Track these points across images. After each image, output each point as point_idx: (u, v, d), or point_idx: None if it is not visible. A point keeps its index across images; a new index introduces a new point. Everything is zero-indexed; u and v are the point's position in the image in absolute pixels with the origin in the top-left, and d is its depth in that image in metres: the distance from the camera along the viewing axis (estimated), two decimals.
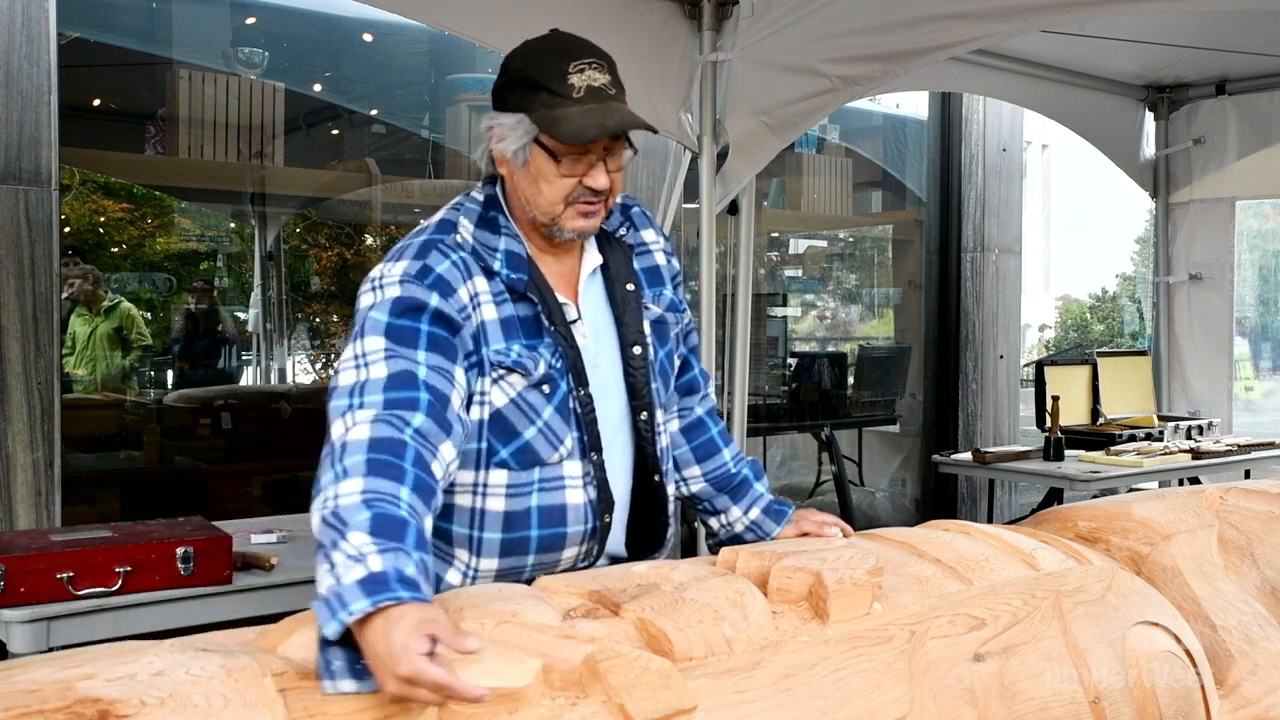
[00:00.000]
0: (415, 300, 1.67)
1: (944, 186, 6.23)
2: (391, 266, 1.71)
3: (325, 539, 1.39)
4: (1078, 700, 1.69)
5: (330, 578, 1.34)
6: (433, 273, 1.70)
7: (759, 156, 3.64)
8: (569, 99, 1.70)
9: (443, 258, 1.72)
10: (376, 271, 1.72)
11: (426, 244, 1.74)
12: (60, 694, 1.15)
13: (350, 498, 1.42)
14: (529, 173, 1.75)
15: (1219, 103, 5.33)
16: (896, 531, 2.01)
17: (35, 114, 3.47)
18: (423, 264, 1.70)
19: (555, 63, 1.72)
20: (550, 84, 1.70)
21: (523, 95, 1.72)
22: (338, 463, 1.48)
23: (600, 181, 1.74)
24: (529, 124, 1.72)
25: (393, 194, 6.24)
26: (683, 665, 1.44)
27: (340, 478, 1.46)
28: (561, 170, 1.73)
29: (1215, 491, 2.39)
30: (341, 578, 1.33)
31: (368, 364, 1.61)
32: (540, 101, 1.70)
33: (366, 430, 1.52)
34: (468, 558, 1.81)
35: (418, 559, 1.38)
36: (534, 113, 1.71)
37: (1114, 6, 3.23)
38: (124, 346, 5.68)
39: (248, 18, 5.37)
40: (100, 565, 2.39)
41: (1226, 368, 5.52)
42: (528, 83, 1.72)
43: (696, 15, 3.51)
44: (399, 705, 1.28)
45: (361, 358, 1.62)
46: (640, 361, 1.86)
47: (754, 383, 5.42)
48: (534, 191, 1.76)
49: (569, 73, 1.71)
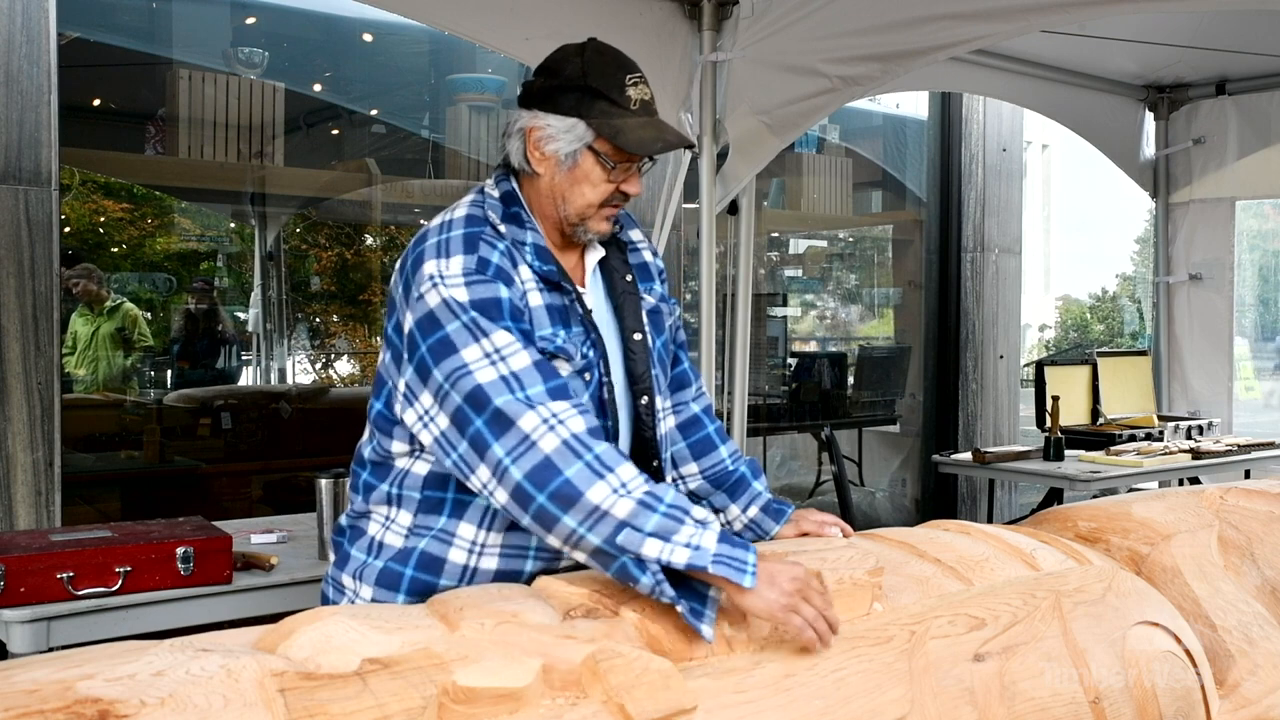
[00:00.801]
0: (490, 296, 1.70)
1: (944, 186, 6.23)
2: (445, 264, 1.72)
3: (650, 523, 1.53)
4: (1078, 700, 1.69)
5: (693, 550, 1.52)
6: (491, 265, 1.74)
7: (759, 156, 3.64)
8: (627, 110, 1.78)
9: (491, 248, 1.76)
10: (433, 268, 1.72)
11: (471, 237, 1.76)
12: (60, 694, 1.15)
13: (638, 483, 1.58)
14: (573, 175, 1.81)
15: (1219, 103, 5.33)
16: (896, 531, 2.01)
17: (35, 114, 3.47)
18: (477, 257, 1.73)
19: (614, 73, 1.79)
20: (610, 94, 1.77)
21: (579, 101, 1.78)
22: (587, 451, 1.58)
23: (637, 189, 1.85)
24: (584, 129, 1.78)
25: (393, 194, 6.24)
26: (683, 665, 1.44)
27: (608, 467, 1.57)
28: (610, 177, 1.81)
29: (1215, 491, 2.39)
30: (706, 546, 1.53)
31: (504, 358, 1.66)
32: (600, 110, 1.77)
33: (580, 422, 1.62)
34: (475, 532, 1.79)
35: None
36: (592, 119, 1.78)
37: (1114, 6, 3.23)
38: (126, 347, 5.68)
39: (248, 18, 5.37)
40: (100, 565, 2.39)
41: (1226, 368, 5.52)
42: (587, 90, 1.78)
43: (696, 15, 3.52)
44: (400, 705, 1.28)
45: (496, 353, 1.66)
46: (640, 349, 1.90)
47: (754, 383, 5.42)
48: (575, 193, 1.82)
49: (626, 85, 1.79)
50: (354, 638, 1.37)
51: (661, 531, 1.53)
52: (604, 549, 1.55)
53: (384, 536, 1.84)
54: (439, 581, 1.78)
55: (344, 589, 1.87)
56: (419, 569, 1.79)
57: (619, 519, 1.54)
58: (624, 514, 1.54)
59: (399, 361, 1.76)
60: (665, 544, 1.52)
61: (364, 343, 7.43)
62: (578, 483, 1.55)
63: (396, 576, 1.80)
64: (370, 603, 1.80)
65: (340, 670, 1.31)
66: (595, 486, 1.55)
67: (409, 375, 1.73)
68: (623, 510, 1.54)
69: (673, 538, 1.53)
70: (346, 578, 1.87)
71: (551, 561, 1.80)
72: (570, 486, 1.55)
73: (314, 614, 1.41)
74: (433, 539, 1.79)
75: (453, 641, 1.40)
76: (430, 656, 1.35)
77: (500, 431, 1.60)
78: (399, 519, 1.83)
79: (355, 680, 1.30)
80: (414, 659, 1.34)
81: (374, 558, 1.84)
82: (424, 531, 1.81)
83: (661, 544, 1.52)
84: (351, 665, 1.32)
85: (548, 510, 1.57)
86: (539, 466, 1.57)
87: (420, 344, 1.70)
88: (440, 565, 1.79)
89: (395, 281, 1.82)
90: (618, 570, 1.56)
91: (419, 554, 1.80)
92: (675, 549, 1.52)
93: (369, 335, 7.37)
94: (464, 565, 1.78)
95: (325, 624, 1.38)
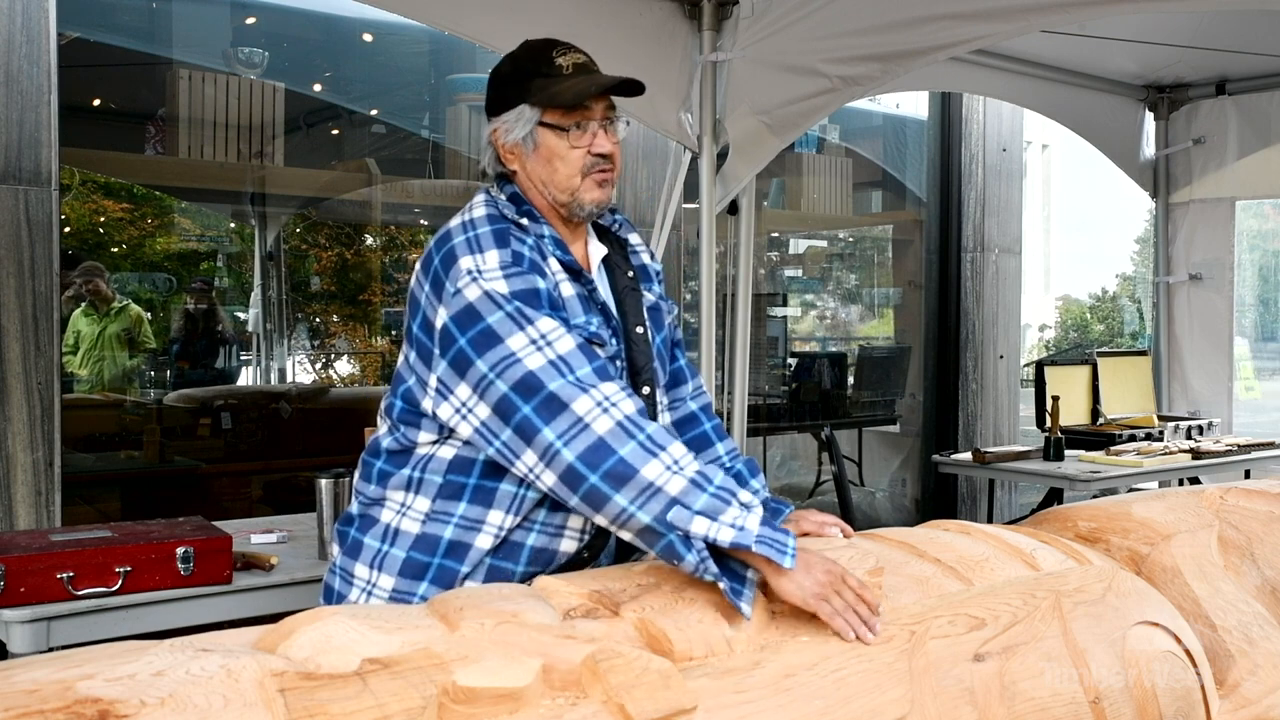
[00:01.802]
0: (528, 287, 1.74)
1: (944, 186, 6.23)
2: (481, 258, 1.76)
3: (699, 501, 1.58)
4: (1078, 700, 1.69)
5: (738, 531, 1.56)
6: (525, 258, 1.78)
7: (759, 156, 3.64)
8: (561, 76, 1.84)
9: (521, 243, 1.80)
10: (469, 264, 1.75)
11: (500, 233, 1.80)
12: (60, 694, 1.15)
13: (689, 461, 1.62)
14: (541, 155, 1.85)
15: (1219, 103, 5.33)
16: (896, 531, 2.01)
17: (35, 114, 3.47)
18: (511, 250, 1.77)
19: (541, 52, 1.86)
20: (540, 69, 1.84)
21: (518, 88, 1.85)
22: (640, 431, 1.62)
23: (605, 146, 1.86)
24: (529, 109, 1.84)
25: (393, 194, 6.24)
26: (683, 665, 1.44)
27: (660, 446, 1.62)
28: (570, 142, 1.84)
29: (1215, 491, 2.39)
30: (749, 527, 1.57)
31: (550, 343, 1.69)
32: (535, 86, 1.83)
33: (631, 403, 1.66)
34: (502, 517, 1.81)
35: None
36: (531, 96, 1.83)
37: (1114, 6, 3.23)
38: (130, 348, 5.68)
39: (248, 18, 5.37)
40: (100, 565, 2.39)
41: (1226, 368, 5.52)
42: (519, 74, 1.86)
43: (696, 15, 3.52)
44: (400, 705, 1.28)
45: (543, 338, 1.69)
46: (642, 342, 1.93)
47: (754, 383, 5.42)
48: (549, 171, 1.86)
49: (555, 57, 1.85)
50: (354, 638, 1.36)
51: (709, 510, 1.57)
52: (653, 526, 1.59)
53: (399, 523, 1.84)
54: (461, 568, 1.80)
55: (354, 580, 1.86)
56: (445, 556, 1.80)
57: (671, 496, 1.58)
58: (676, 491, 1.58)
59: (427, 358, 1.78)
60: (713, 523, 1.57)
61: (364, 343, 7.44)
62: (632, 461, 1.60)
63: (422, 566, 1.81)
64: (391, 592, 1.82)
65: (340, 670, 1.31)
66: (650, 464, 1.59)
67: (442, 370, 1.75)
68: (675, 488, 1.58)
69: (719, 517, 1.57)
70: (360, 567, 1.86)
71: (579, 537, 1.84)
72: (625, 465, 1.59)
73: (314, 614, 1.41)
74: (457, 526, 1.80)
75: (453, 641, 1.40)
76: (430, 656, 1.35)
77: (551, 416, 1.63)
78: (415, 504, 1.83)
79: (355, 680, 1.29)
80: (414, 659, 1.34)
81: (391, 545, 1.84)
82: (444, 518, 1.81)
83: (709, 522, 1.57)
84: (351, 665, 1.32)
85: (600, 489, 1.60)
86: (592, 448, 1.61)
87: (459, 338, 1.72)
88: (465, 551, 1.80)
89: (419, 282, 1.84)
90: (664, 548, 1.60)
91: (446, 543, 1.81)
92: (722, 528, 1.56)
93: (369, 335, 7.37)
94: (489, 551, 1.80)
95: (325, 624, 1.38)
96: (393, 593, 1.81)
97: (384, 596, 1.82)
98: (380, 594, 1.83)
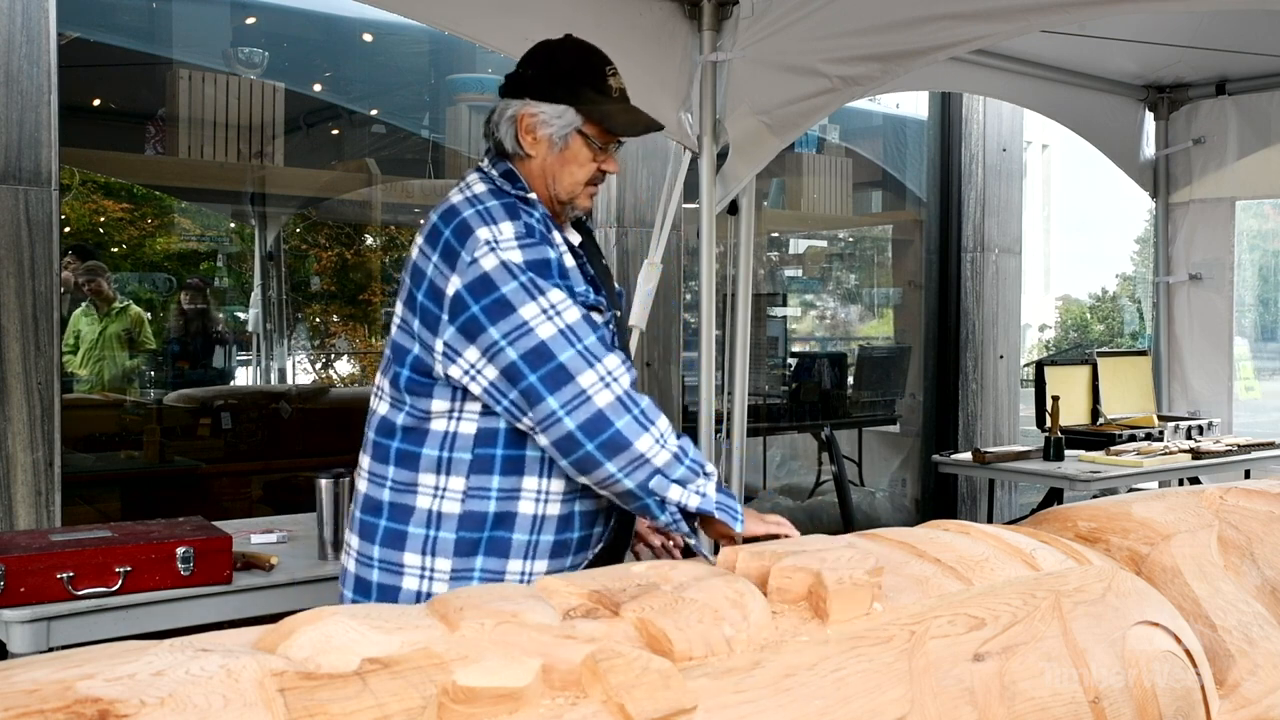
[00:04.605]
0: (540, 258, 1.86)
1: (944, 186, 6.23)
2: (497, 229, 1.86)
3: (677, 472, 1.82)
4: (1078, 700, 1.69)
5: (702, 497, 1.84)
6: (536, 230, 1.89)
7: (759, 156, 3.64)
8: (610, 98, 1.97)
9: (530, 215, 1.91)
10: (486, 234, 1.85)
11: (510, 205, 1.90)
12: (60, 694, 1.15)
13: (671, 434, 1.84)
14: (563, 157, 1.97)
15: (1219, 103, 5.33)
16: (896, 531, 2.01)
17: (35, 114, 3.47)
18: (523, 223, 1.88)
19: (597, 65, 1.98)
20: (594, 82, 1.96)
21: (569, 89, 1.95)
22: (635, 405, 1.82)
23: (613, 167, 2.02)
24: (574, 115, 1.95)
25: (393, 194, 6.24)
26: (683, 665, 1.44)
27: (650, 420, 1.82)
28: (595, 157, 1.98)
29: (1215, 491, 2.39)
30: (709, 494, 1.84)
31: (558, 313, 1.83)
32: (587, 97, 1.95)
33: (628, 378, 1.84)
34: (536, 482, 1.91)
35: None
36: (581, 106, 1.95)
37: (1114, 6, 3.23)
38: (130, 349, 5.68)
39: (248, 18, 5.37)
40: (100, 565, 2.39)
41: (1226, 368, 5.52)
42: (574, 78, 1.96)
43: (696, 15, 3.52)
44: (400, 705, 1.28)
45: (552, 308, 1.82)
46: (616, 325, 2.05)
47: (754, 383, 5.42)
48: (564, 173, 1.98)
49: (608, 75, 1.98)
50: (354, 638, 1.37)
51: (684, 480, 1.83)
52: (635, 491, 1.82)
53: (440, 506, 1.90)
54: (512, 536, 1.90)
55: (404, 569, 1.92)
56: (494, 529, 1.90)
57: (656, 466, 1.80)
58: (661, 463, 1.81)
59: (434, 325, 1.86)
60: (685, 490, 1.83)
61: (364, 343, 7.44)
62: (627, 434, 1.79)
63: (473, 543, 1.89)
64: (450, 574, 1.90)
65: (340, 670, 1.31)
66: (642, 438, 1.79)
67: (449, 334, 1.85)
68: (660, 460, 1.81)
69: (689, 485, 1.83)
70: (410, 555, 1.91)
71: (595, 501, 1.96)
72: (620, 437, 1.78)
73: (314, 614, 1.41)
74: (498, 499, 1.89)
75: (453, 641, 1.40)
76: (430, 656, 1.35)
77: (556, 386, 1.79)
78: (451, 485, 1.90)
79: (355, 680, 1.30)
80: (414, 659, 1.34)
81: (438, 530, 1.90)
82: (483, 494, 1.89)
83: (682, 490, 1.82)
84: (351, 665, 1.32)
85: (593, 457, 1.79)
86: (592, 419, 1.78)
87: (471, 305, 1.82)
88: (513, 520, 1.90)
89: (423, 253, 1.91)
90: (639, 507, 1.86)
91: (491, 516, 1.89)
92: (691, 495, 1.83)
93: (369, 335, 7.37)
94: (534, 515, 1.90)
95: (325, 624, 1.38)
96: (452, 574, 1.90)
97: (445, 578, 1.90)
98: (440, 577, 1.90)
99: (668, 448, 1.81)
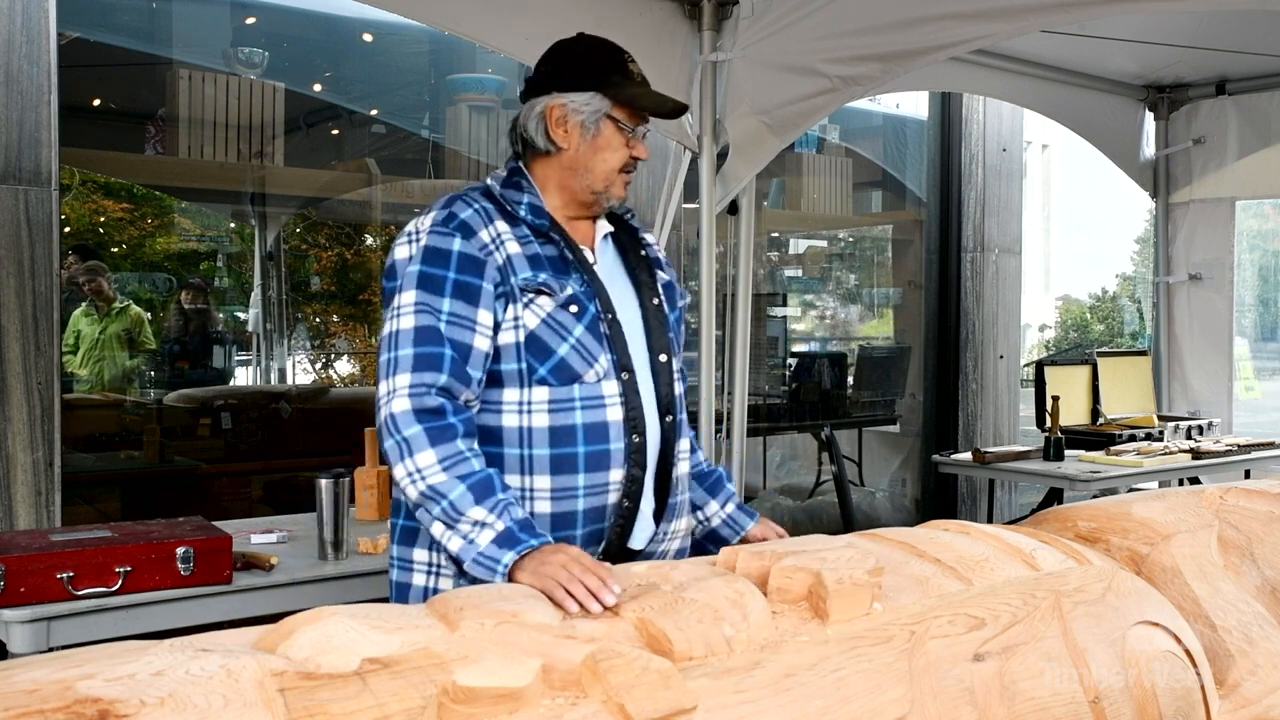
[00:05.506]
0: (441, 247, 1.89)
1: (944, 186, 6.23)
2: (423, 220, 1.93)
3: (435, 511, 1.79)
4: (1078, 700, 1.69)
5: (465, 543, 1.76)
6: (456, 219, 1.91)
7: (759, 156, 3.64)
8: (633, 82, 2.01)
9: (466, 206, 1.94)
10: (411, 225, 1.94)
11: (453, 198, 1.96)
12: (60, 694, 1.15)
13: (434, 471, 1.78)
14: (595, 144, 1.99)
15: (1219, 103, 5.33)
16: (896, 531, 2.01)
17: (35, 114, 3.47)
18: (448, 212, 1.92)
19: (617, 53, 2.02)
20: (616, 66, 2.00)
21: (594, 76, 1.98)
22: (397, 433, 1.81)
23: (644, 152, 2.04)
24: (602, 99, 1.97)
25: (393, 194, 6.24)
26: (683, 665, 1.44)
27: (410, 451, 1.80)
28: (625, 140, 2.00)
29: (1215, 491, 2.39)
30: (478, 543, 1.75)
31: (400, 315, 1.87)
32: (614, 82, 1.98)
33: (407, 402, 1.82)
34: (519, 480, 1.91)
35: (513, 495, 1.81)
36: (609, 90, 1.97)
37: (1114, 6, 3.24)
38: (131, 349, 5.67)
39: (248, 18, 5.37)
40: (100, 565, 2.39)
41: (1226, 368, 5.52)
42: (598, 66, 1.99)
43: (696, 15, 3.52)
44: (400, 705, 1.28)
45: (397, 309, 1.88)
46: (658, 312, 2.06)
47: (754, 383, 5.42)
48: (597, 160, 1.99)
49: (628, 62, 2.02)
50: (354, 638, 1.37)
51: (444, 520, 1.78)
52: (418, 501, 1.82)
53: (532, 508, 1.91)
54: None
55: (414, 565, 1.96)
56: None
57: (411, 499, 1.81)
58: (412, 496, 1.81)
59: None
60: (446, 531, 1.78)
61: (364, 343, 7.43)
62: (389, 455, 1.83)
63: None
64: (455, 570, 1.88)
65: (340, 670, 1.31)
66: (397, 466, 1.81)
67: None
68: (411, 494, 1.81)
69: (454, 527, 1.78)
70: (420, 551, 1.96)
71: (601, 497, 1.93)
72: (386, 454, 1.83)
73: (314, 614, 1.42)
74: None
75: (453, 641, 1.40)
76: (430, 656, 1.35)
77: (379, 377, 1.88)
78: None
79: (355, 680, 1.30)
80: (414, 659, 1.34)
81: None
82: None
83: (443, 529, 1.79)
84: (351, 665, 1.32)
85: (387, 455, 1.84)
86: (382, 423, 1.84)
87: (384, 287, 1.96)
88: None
89: None
90: None
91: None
92: (453, 538, 1.78)
93: (369, 335, 7.37)
94: (529, 513, 1.88)
95: (325, 624, 1.38)
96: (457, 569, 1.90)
97: (450, 574, 1.92)
98: (446, 572, 1.94)
99: (418, 485, 1.79)
